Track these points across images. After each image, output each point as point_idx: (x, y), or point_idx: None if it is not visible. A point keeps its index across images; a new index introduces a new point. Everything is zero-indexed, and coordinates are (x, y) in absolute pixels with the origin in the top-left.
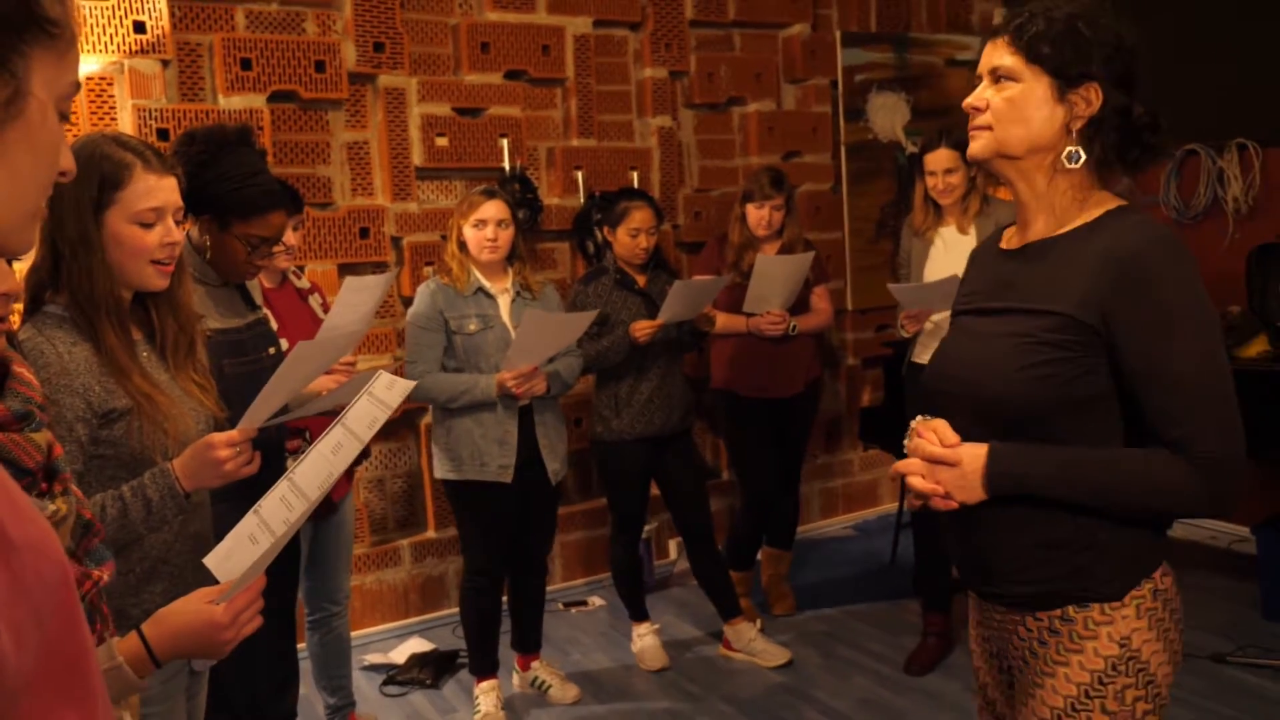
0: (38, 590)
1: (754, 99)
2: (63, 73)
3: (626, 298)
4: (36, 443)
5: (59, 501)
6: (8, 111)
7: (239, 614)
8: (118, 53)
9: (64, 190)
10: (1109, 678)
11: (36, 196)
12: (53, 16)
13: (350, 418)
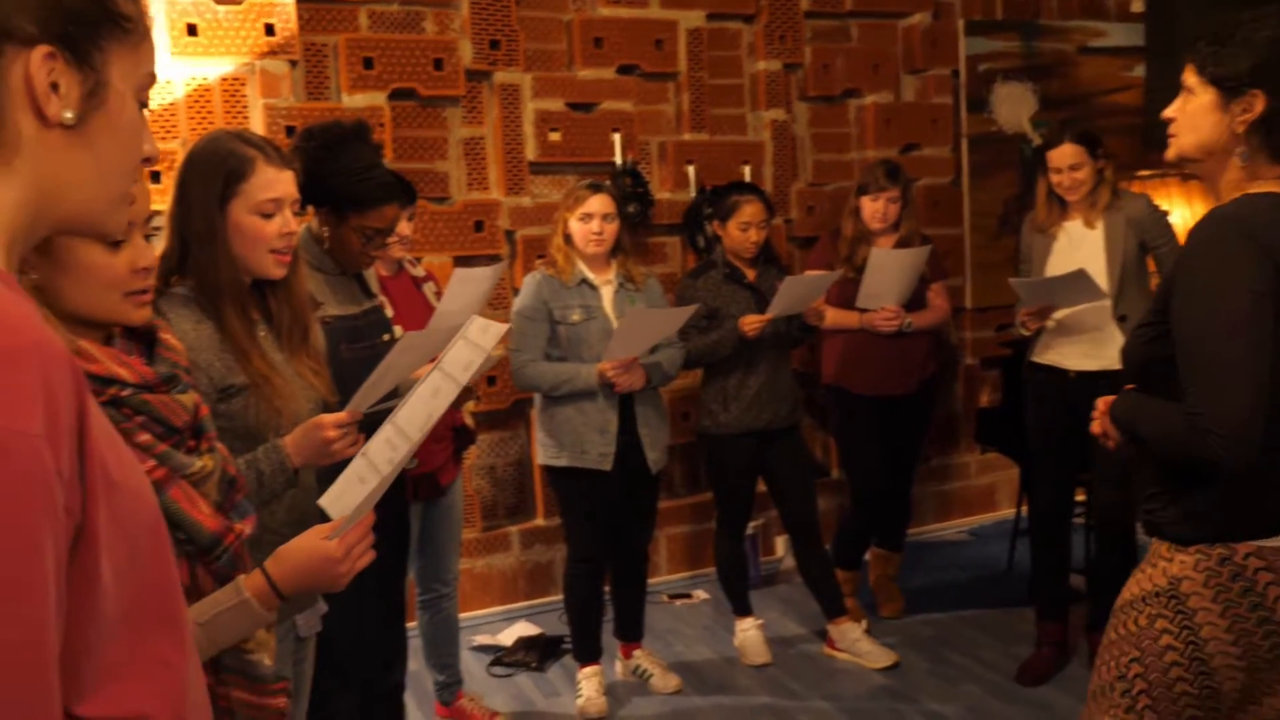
0: (134, 529)
1: (871, 91)
2: (138, 64)
3: (735, 292)
4: (183, 403)
5: (205, 458)
6: (90, 102)
7: (351, 548)
8: (249, 54)
9: (192, 184)
10: (1146, 603)
11: (123, 181)
12: (126, 13)
13: (447, 361)
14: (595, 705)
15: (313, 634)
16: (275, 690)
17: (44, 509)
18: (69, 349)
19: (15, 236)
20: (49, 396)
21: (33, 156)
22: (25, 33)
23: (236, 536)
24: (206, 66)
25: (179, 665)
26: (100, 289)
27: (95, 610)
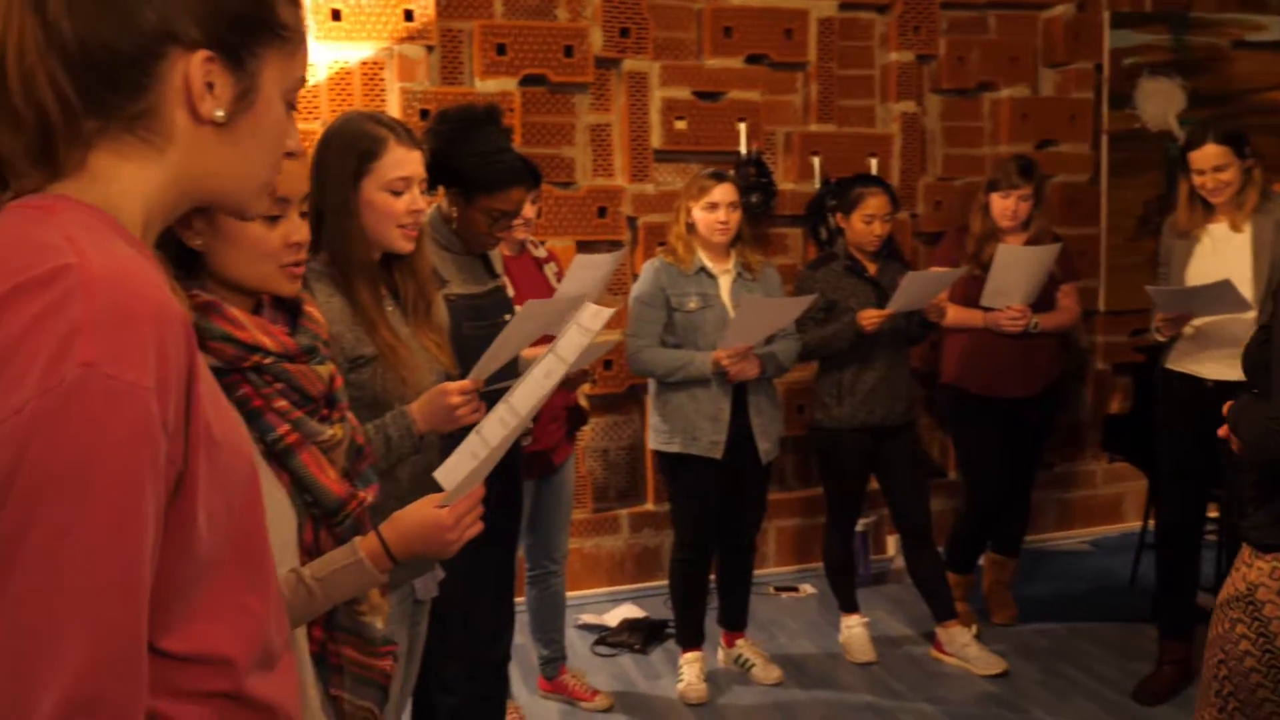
0: (230, 483)
1: (1007, 84)
2: (291, 70)
3: (856, 285)
4: (320, 374)
5: (336, 427)
6: (240, 104)
7: (461, 517)
8: (388, 39)
9: (328, 162)
10: (1230, 607)
11: (265, 173)
12: (286, 21)
13: (560, 345)
14: (695, 691)
15: (429, 598)
16: (383, 653)
17: (147, 455)
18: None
19: (154, 213)
20: (162, 355)
21: (183, 147)
22: (189, 37)
23: (359, 503)
24: (348, 50)
25: (261, 614)
26: (256, 259)
27: (188, 554)
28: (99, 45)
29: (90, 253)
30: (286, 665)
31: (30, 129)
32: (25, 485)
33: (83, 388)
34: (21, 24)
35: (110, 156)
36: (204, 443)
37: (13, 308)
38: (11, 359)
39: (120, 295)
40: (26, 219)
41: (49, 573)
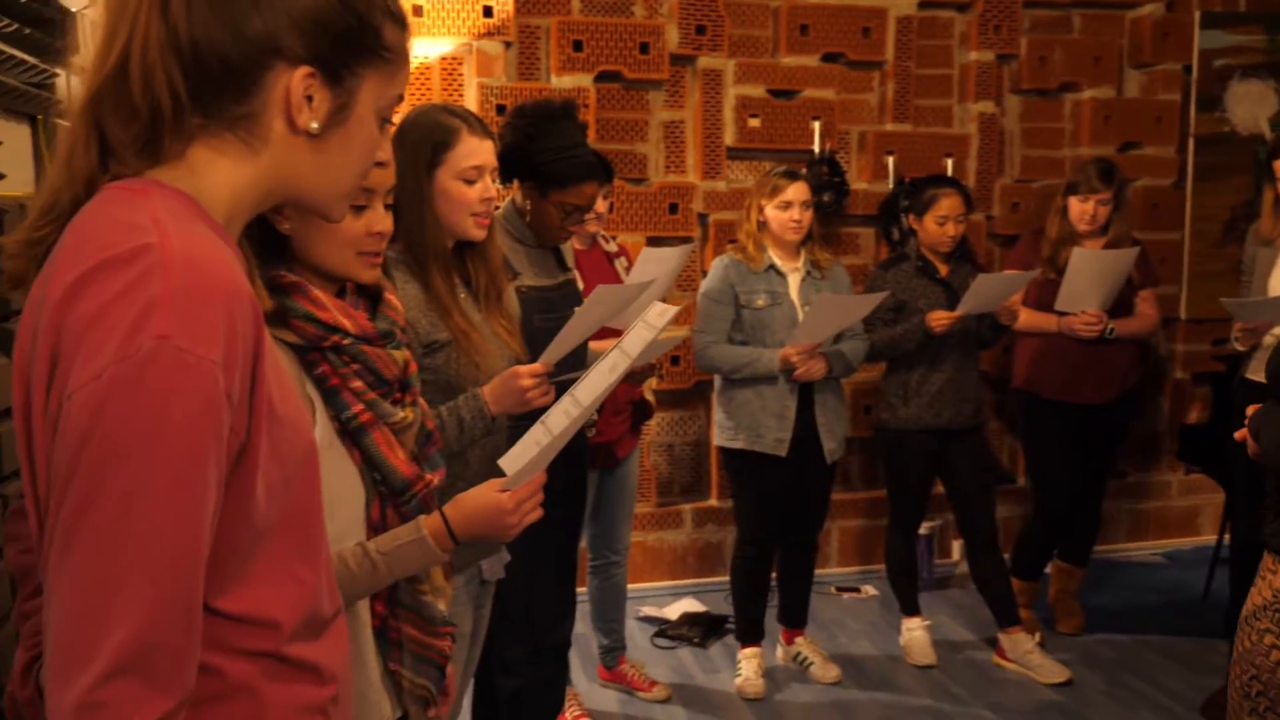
0: (289, 457)
1: (1090, 85)
2: (389, 88)
3: (926, 286)
4: (395, 359)
5: (408, 410)
6: (334, 119)
7: (522, 502)
8: (467, 35)
9: (404, 153)
10: (1257, 618)
11: (349, 182)
12: (389, 43)
13: (626, 341)
14: (753, 686)
15: (495, 580)
16: (442, 633)
17: (211, 423)
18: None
19: (241, 206)
20: (230, 332)
21: (276, 152)
22: (294, 53)
23: (426, 485)
24: (428, 46)
25: (311, 583)
26: (340, 245)
27: (246, 521)
28: (211, 51)
29: (172, 234)
30: (336, 631)
31: (143, 121)
32: (99, 445)
33: (156, 358)
34: (148, 25)
35: (208, 151)
36: (266, 417)
37: (99, 281)
38: (94, 328)
39: (195, 275)
40: (119, 200)
41: (117, 528)
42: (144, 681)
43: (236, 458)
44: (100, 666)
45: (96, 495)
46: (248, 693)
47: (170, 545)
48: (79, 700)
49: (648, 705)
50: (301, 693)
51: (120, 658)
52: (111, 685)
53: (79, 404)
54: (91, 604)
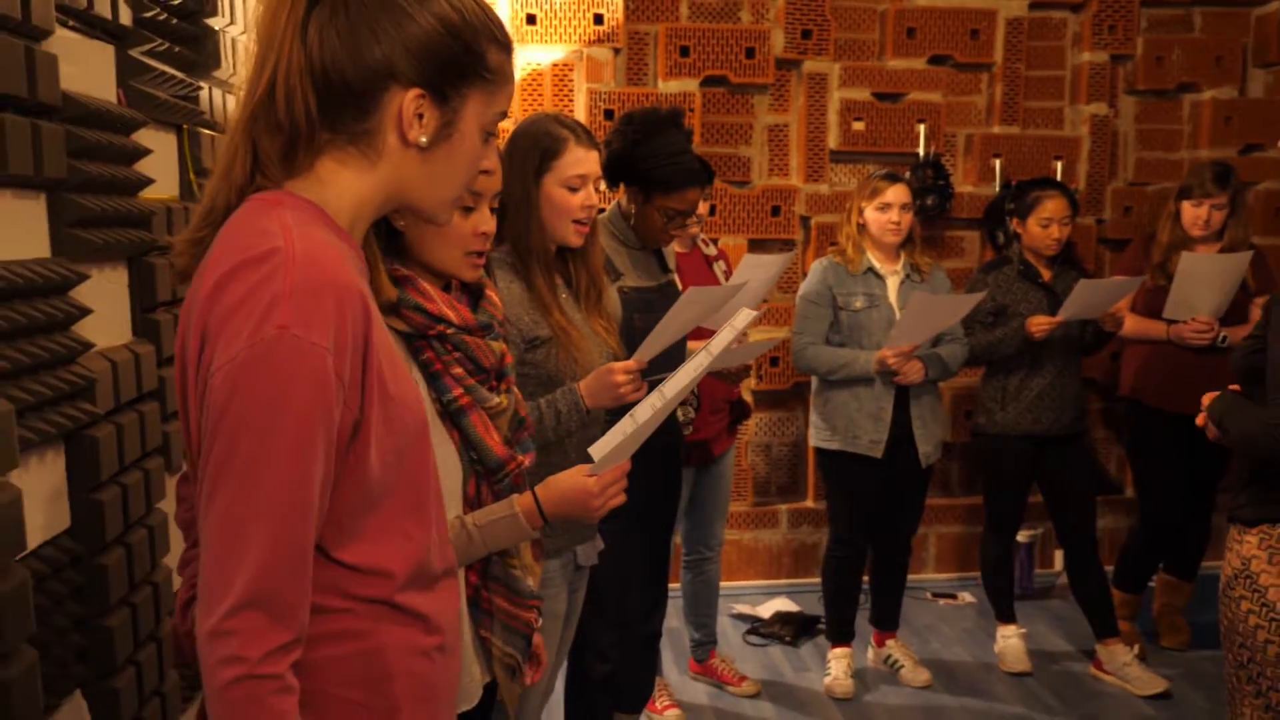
0: (401, 431)
1: (1210, 85)
2: (492, 106)
3: (1028, 290)
4: (493, 349)
5: (502, 397)
6: (441, 134)
7: (607, 487)
8: (578, 42)
9: (514, 159)
10: (1231, 587)
11: (455, 190)
12: (492, 65)
13: (713, 342)
14: (842, 686)
15: (589, 565)
16: (529, 605)
17: (320, 399)
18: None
19: (362, 211)
20: (340, 322)
21: (391, 163)
22: (408, 77)
23: (518, 465)
24: (540, 52)
25: (421, 540)
26: (448, 244)
27: (363, 485)
28: (339, 75)
29: (296, 238)
30: (447, 588)
31: (285, 135)
32: (234, 416)
33: (278, 343)
34: (291, 50)
35: (333, 163)
36: (378, 396)
37: (237, 278)
38: (232, 318)
39: (311, 273)
40: (259, 210)
41: (246, 485)
42: (266, 615)
43: (353, 431)
44: (231, 601)
45: (230, 458)
46: (364, 633)
47: (285, 502)
48: (214, 628)
49: (736, 699)
50: (411, 637)
51: (246, 595)
52: (239, 617)
53: (219, 381)
54: (226, 550)
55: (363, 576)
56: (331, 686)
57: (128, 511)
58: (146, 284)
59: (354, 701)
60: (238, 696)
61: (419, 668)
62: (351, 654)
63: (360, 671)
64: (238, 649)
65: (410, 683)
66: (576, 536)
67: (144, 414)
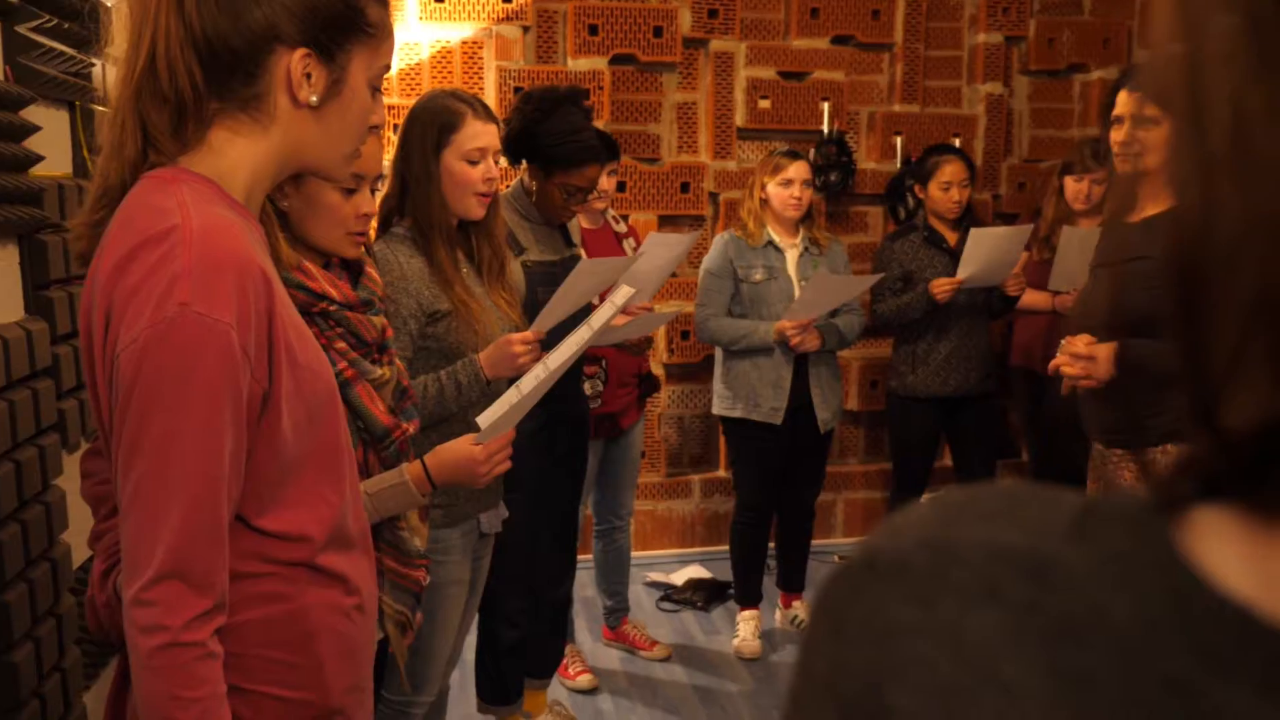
0: (311, 398)
1: (1099, 66)
2: (377, 60)
3: (934, 255)
4: (375, 324)
5: (385, 369)
6: (331, 91)
7: (493, 454)
8: (487, 20)
9: (413, 135)
10: None
11: (350, 145)
12: (373, 20)
13: (593, 316)
14: (749, 647)
15: (493, 532)
16: (417, 565)
17: (226, 373)
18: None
19: (259, 180)
20: (242, 297)
21: (284, 126)
22: (291, 36)
23: (403, 433)
24: (449, 30)
25: (337, 504)
26: (331, 224)
27: (276, 453)
28: (221, 42)
29: (193, 215)
30: (363, 550)
31: (171, 106)
32: (141, 395)
33: (180, 321)
34: (168, 22)
35: (226, 132)
36: (286, 365)
37: (137, 258)
38: (134, 298)
39: (210, 250)
40: (154, 188)
41: (159, 460)
42: (185, 585)
43: (263, 402)
44: (151, 572)
45: (141, 435)
46: (287, 595)
47: (198, 475)
48: (135, 597)
49: (648, 664)
50: (332, 597)
51: (165, 566)
52: (159, 587)
53: (125, 361)
54: (144, 523)
55: (284, 543)
56: (257, 648)
57: (22, 488)
58: (38, 261)
59: (279, 661)
60: (162, 664)
61: (341, 626)
62: (276, 616)
63: (285, 633)
64: (159, 618)
65: (332, 640)
66: (480, 504)
67: (38, 391)
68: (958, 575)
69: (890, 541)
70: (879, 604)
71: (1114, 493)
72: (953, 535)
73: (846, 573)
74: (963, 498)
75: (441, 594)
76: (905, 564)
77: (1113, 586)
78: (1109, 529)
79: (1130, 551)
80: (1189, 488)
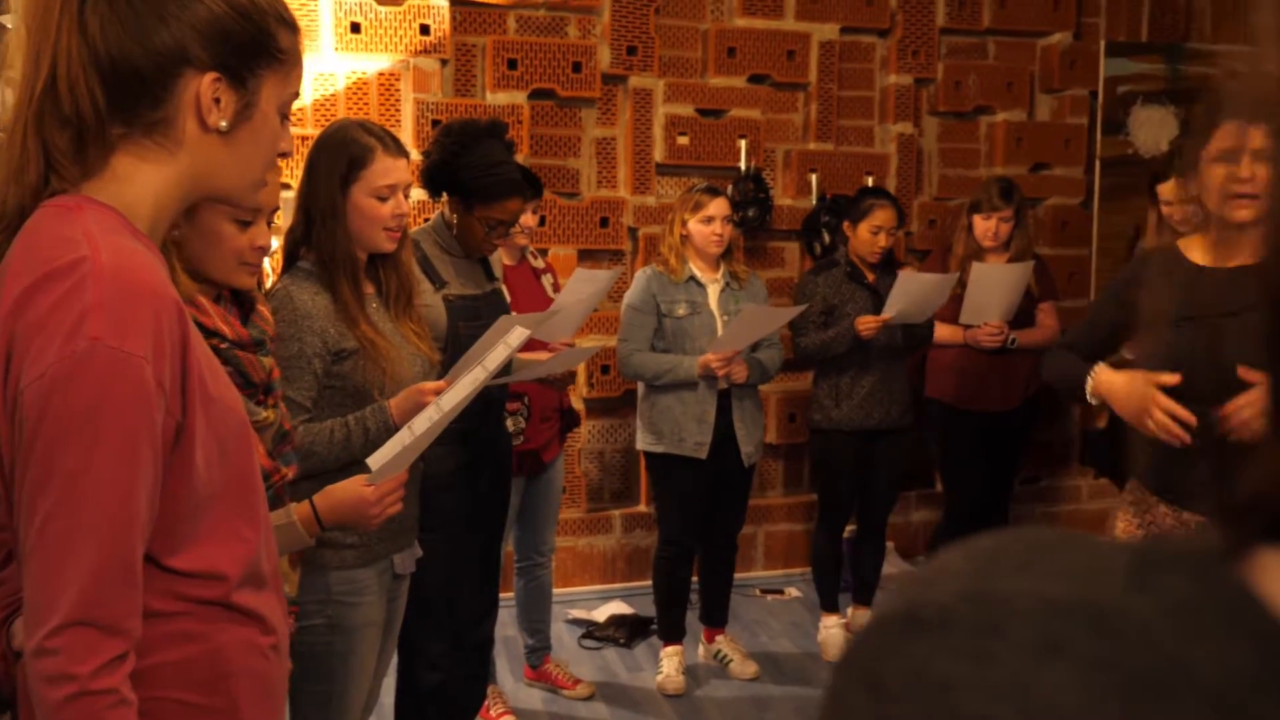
0: (224, 432)
1: (1003, 108)
2: (286, 87)
3: (855, 290)
4: (263, 364)
5: (269, 411)
6: (241, 116)
7: (384, 496)
8: (404, 52)
9: (319, 167)
10: None
11: (259, 171)
12: (284, 46)
13: (487, 358)
14: (673, 683)
15: (407, 573)
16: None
17: (141, 408)
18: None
19: (164, 208)
20: (156, 330)
21: (192, 151)
22: (200, 60)
23: (281, 478)
24: (366, 61)
25: (253, 541)
26: (224, 255)
27: (189, 488)
28: (126, 63)
29: (102, 247)
30: (274, 588)
31: (73, 129)
32: (48, 433)
33: (91, 356)
34: (69, 41)
35: (130, 159)
36: (199, 398)
37: (42, 290)
38: (39, 332)
39: (122, 282)
40: (56, 217)
41: (67, 502)
42: (96, 630)
43: (176, 435)
44: (57, 619)
45: (49, 474)
46: (202, 634)
47: (111, 515)
48: (40, 646)
49: (570, 703)
50: (248, 636)
51: (74, 611)
52: (67, 634)
53: (29, 399)
54: (51, 566)
55: (199, 581)
56: (170, 691)
57: None
58: None
59: (193, 704)
60: (73, 715)
61: (258, 666)
62: (190, 657)
63: (199, 673)
64: (65, 666)
65: (249, 682)
66: (393, 544)
67: None
68: (1013, 629)
69: (926, 594)
70: (925, 660)
71: (1162, 538)
72: (996, 587)
73: (878, 629)
74: (992, 547)
75: (356, 636)
76: (950, 617)
77: (1188, 638)
78: (1169, 576)
79: (1198, 600)
80: (1258, 529)
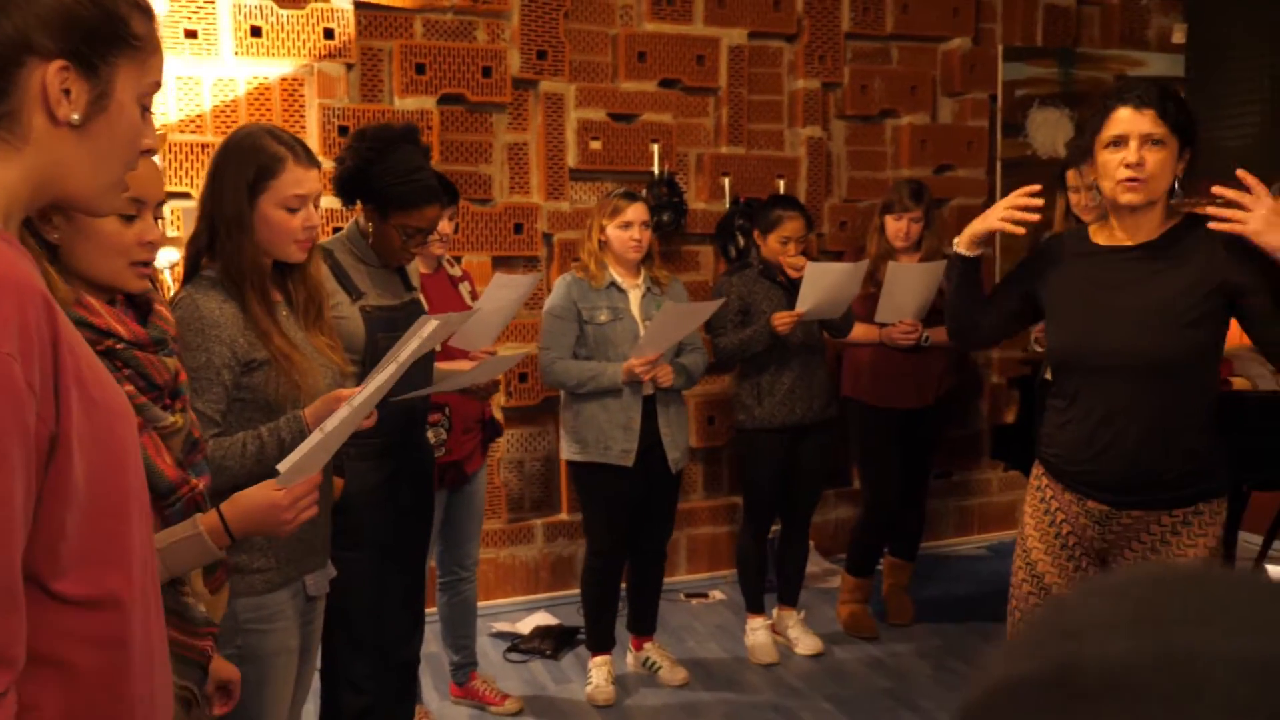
0: (109, 441)
1: (907, 112)
2: (145, 75)
3: (769, 289)
4: (167, 365)
5: (177, 416)
6: (94, 108)
7: (297, 499)
8: (308, 56)
9: (225, 174)
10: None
11: (117, 170)
12: (138, 33)
13: (401, 352)
14: (603, 693)
15: (321, 595)
16: (203, 633)
17: (10, 411)
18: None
19: (13, 205)
20: (23, 325)
21: (41, 147)
22: (45, 48)
23: (191, 490)
24: (268, 66)
25: (148, 558)
26: (110, 254)
27: (70, 503)
28: None
29: None
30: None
31: None
32: None
33: None
34: None
35: None
36: (78, 403)
37: None
38: None
39: None
40: None
41: None
42: None
43: (51, 445)
44: None
45: None
46: (104, 685)
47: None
48: None
49: (499, 719)
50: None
51: None
52: None
53: None
54: None
55: (92, 613)
56: None
57: None
58: None
59: None
60: None
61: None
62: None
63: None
64: None
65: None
66: (305, 565)
67: None
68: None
69: (1083, 651)
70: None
71: None
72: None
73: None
74: (1149, 590)
75: (270, 664)
76: (1131, 683)
77: None
78: None
79: None
80: None
